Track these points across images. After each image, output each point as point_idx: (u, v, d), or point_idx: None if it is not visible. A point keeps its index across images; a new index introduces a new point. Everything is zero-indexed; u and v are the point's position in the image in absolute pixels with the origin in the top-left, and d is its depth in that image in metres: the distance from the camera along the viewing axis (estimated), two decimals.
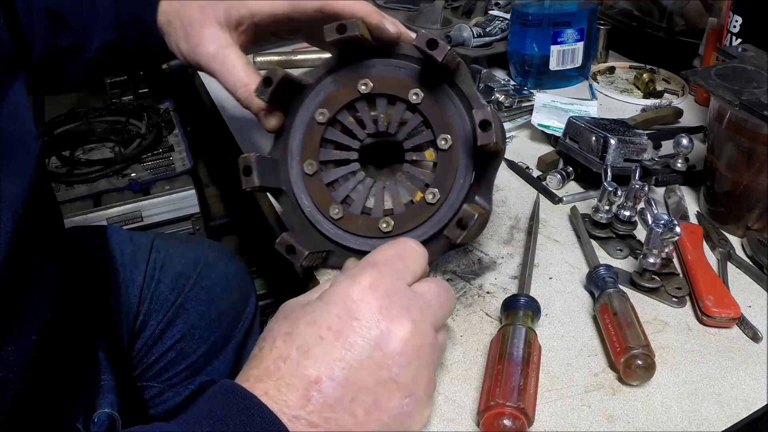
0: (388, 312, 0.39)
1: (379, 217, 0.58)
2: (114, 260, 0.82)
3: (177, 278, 0.86)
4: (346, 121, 0.59)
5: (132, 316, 0.81)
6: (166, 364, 0.85)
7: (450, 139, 0.55)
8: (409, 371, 0.39)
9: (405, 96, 0.56)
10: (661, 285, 0.62)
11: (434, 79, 0.56)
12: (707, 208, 0.73)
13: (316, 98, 0.59)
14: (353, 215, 0.58)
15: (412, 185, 0.58)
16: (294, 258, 0.56)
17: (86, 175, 1.44)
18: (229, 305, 0.91)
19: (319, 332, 0.38)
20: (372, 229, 0.57)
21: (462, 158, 0.56)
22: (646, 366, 0.51)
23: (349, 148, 0.59)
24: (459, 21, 1.21)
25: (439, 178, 0.56)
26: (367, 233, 0.58)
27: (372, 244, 0.57)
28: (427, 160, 0.58)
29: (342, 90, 0.58)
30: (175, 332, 0.85)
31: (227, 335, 0.90)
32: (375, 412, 0.38)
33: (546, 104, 0.93)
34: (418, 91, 0.56)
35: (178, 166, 1.51)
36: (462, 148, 0.56)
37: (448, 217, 0.56)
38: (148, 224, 1.42)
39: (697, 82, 0.68)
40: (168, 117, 1.66)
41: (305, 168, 0.58)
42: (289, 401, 0.36)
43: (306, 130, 0.59)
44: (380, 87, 0.57)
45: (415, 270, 0.44)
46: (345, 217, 0.58)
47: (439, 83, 0.56)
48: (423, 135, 0.58)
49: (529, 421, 0.47)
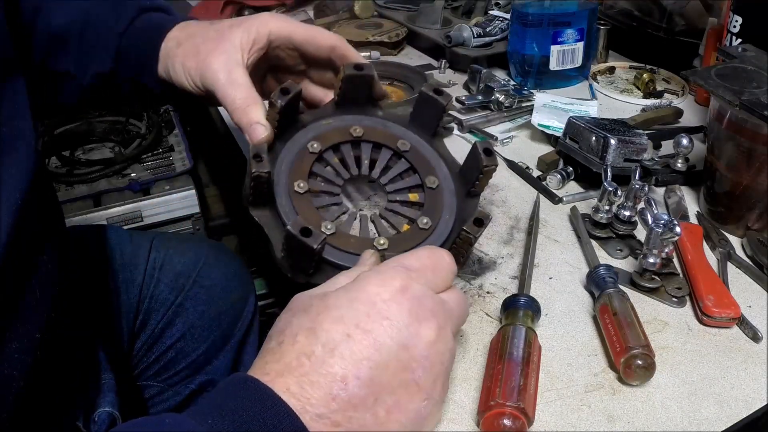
0: (417, 315, 0.40)
1: (371, 237, 0.57)
2: (114, 260, 0.82)
3: (177, 278, 0.86)
4: (332, 160, 0.62)
5: (132, 315, 0.81)
6: (165, 363, 0.85)
7: (436, 181, 0.61)
8: (431, 374, 0.40)
9: (393, 145, 0.62)
10: (661, 285, 0.62)
11: (420, 131, 0.64)
12: (707, 208, 0.73)
13: (309, 133, 0.62)
14: (345, 234, 0.57)
15: (397, 218, 0.60)
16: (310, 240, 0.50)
17: (86, 175, 1.43)
18: (228, 305, 0.91)
19: (346, 330, 0.38)
20: (366, 246, 0.55)
21: (447, 195, 0.61)
22: (646, 366, 0.51)
23: (334, 183, 0.61)
24: (459, 21, 1.21)
25: (429, 210, 0.59)
26: (361, 251, 0.55)
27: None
28: (411, 200, 0.61)
29: (335, 131, 0.62)
30: (175, 331, 0.85)
31: (227, 334, 0.90)
32: (396, 413, 0.38)
33: (546, 104, 0.93)
34: (406, 141, 0.63)
35: (178, 166, 1.51)
36: (446, 186, 0.61)
37: (440, 240, 0.57)
38: (148, 224, 1.42)
39: (697, 82, 0.68)
40: (168, 117, 1.66)
41: (295, 187, 0.57)
42: (313, 399, 0.36)
43: (297, 156, 0.60)
44: (370, 135, 0.63)
45: (445, 282, 0.45)
46: (337, 234, 0.55)
47: (422, 137, 0.64)
48: (407, 180, 0.62)
49: (529, 421, 0.47)
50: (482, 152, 0.58)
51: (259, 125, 0.57)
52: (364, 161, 0.63)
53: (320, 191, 0.60)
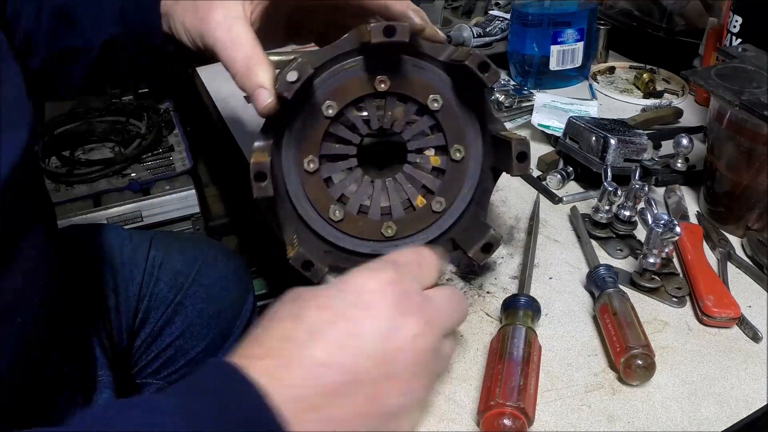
0: (402, 308, 0.39)
1: (378, 220, 0.57)
2: (113, 258, 0.82)
3: (176, 276, 0.86)
4: (351, 115, 0.55)
5: (131, 313, 0.81)
6: (165, 361, 0.85)
7: (463, 151, 0.56)
8: (411, 370, 0.39)
9: (423, 100, 0.55)
10: (661, 285, 0.62)
11: (460, 92, 0.56)
12: (707, 208, 0.73)
13: (324, 86, 0.54)
14: (353, 217, 0.57)
15: (413, 187, 0.58)
16: (311, 275, 0.53)
17: (86, 175, 1.43)
18: (228, 303, 0.91)
19: (331, 317, 0.38)
20: (375, 233, 0.57)
21: (472, 172, 0.57)
22: (646, 366, 0.51)
23: (350, 142, 0.57)
24: (459, 21, 1.21)
25: (446, 187, 0.57)
26: (370, 236, 0.57)
27: (375, 248, 0.57)
28: (431, 164, 0.58)
29: (355, 83, 0.54)
30: (174, 329, 0.85)
31: (226, 333, 0.91)
32: (372, 404, 0.38)
33: (546, 104, 0.93)
34: (438, 97, 0.55)
35: (178, 166, 1.51)
36: (473, 162, 0.57)
37: (448, 224, 0.57)
38: (148, 224, 1.42)
39: (697, 82, 0.68)
40: (168, 117, 1.66)
41: (305, 165, 0.55)
42: (292, 381, 0.36)
43: (309, 123, 0.54)
44: (399, 86, 0.55)
45: (430, 279, 0.45)
46: (345, 220, 0.56)
47: (463, 97, 0.56)
48: (430, 139, 0.57)
49: (529, 420, 0.47)
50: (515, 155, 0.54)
51: (263, 90, 0.51)
52: (387, 114, 0.56)
53: (333, 155, 0.57)
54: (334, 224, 0.57)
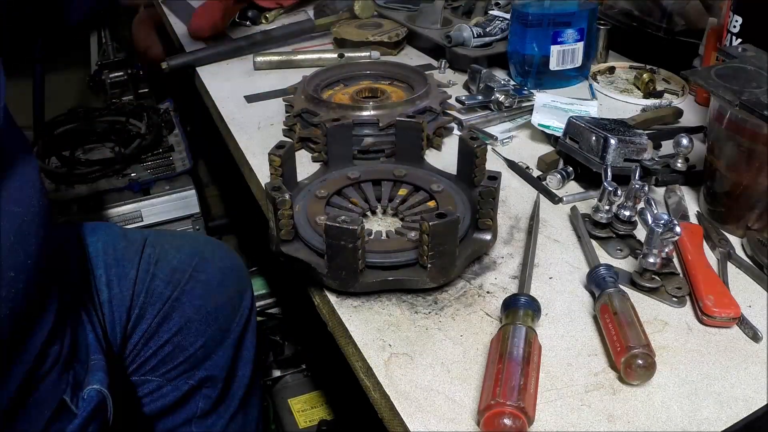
0: None
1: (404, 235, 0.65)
2: (106, 255, 0.82)
3: (172, 272, 0.86)
4: (341, 201, 0.71)
5: (125, 308, 0.81)
6: (163, 358, 0.85)
7: (440, 185, 0.71)
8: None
9: (392, 177, 0.74)
10: (661, 285, 0.62)
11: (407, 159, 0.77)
12: (707, 208, 0.73)
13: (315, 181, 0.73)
14: (378, 240, 0.65)
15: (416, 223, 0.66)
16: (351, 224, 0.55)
17: (86, 175, 1.43)
18: (225, 299, 0.91)
19: None
20: (402, 242, 0.63)
21: (454, 193, 0.71)
22: (647, 366, 0.51)
23: (352, 211, 0.70)
24: (459, 21, 1.21)
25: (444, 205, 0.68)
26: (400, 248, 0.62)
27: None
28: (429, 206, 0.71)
29: (333, 183, 0.72)
30: (172, 326, 0.85)
31: (225, 329, 0.91)
32: None
33: (546, 104, 0.93)
34: (401, 169, 0.75)
35: (178, 166, 1.51)
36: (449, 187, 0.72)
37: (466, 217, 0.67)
38: (148, 224, 1.42)
39: (697, 82, 0.68)
40: (168, 117, 1.66)
41: (316, 219, 0.65)
42: None
43: (309, 200, 0.69)
44: (368, 175, 0.75)
45: None
46: (371, 242, 0.63)
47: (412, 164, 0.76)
48: (415, 197, 0.72)
49: (530, 420, 0.47)
50: (468, 139, 0.69)
51: None
52: (369, 197, 0.73)
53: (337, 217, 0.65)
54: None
